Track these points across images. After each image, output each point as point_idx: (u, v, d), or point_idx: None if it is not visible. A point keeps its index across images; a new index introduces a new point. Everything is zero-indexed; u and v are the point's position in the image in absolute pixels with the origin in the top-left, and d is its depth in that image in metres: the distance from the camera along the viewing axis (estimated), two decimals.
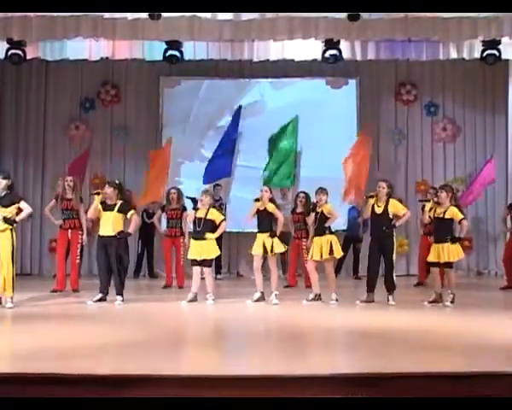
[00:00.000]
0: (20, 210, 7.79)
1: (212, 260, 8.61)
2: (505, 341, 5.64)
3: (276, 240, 8.38)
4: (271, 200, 8.46)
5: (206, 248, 8.36)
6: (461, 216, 8.20)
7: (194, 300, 8.28)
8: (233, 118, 12.41)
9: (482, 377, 4.11)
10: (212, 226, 8.41)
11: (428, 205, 8.45)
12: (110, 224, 8.18)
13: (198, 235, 8.37)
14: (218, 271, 11.89)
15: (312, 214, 8.50)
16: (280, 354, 5.19)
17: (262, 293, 8.37)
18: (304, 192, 10.05)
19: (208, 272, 8.47)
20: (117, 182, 8.51)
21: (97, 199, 8.19)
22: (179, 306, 8.16)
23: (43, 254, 12.70)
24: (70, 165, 12.08)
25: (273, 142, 12.29)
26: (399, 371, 4.31)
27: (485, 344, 5.48)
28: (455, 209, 8.22)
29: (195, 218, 8.39)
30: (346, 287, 9.95)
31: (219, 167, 12.05)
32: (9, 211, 7.64)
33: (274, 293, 8.32)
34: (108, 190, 8.21)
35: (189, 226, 9.78)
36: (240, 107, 12.47)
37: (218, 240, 11.52)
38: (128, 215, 8.31)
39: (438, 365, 4.67)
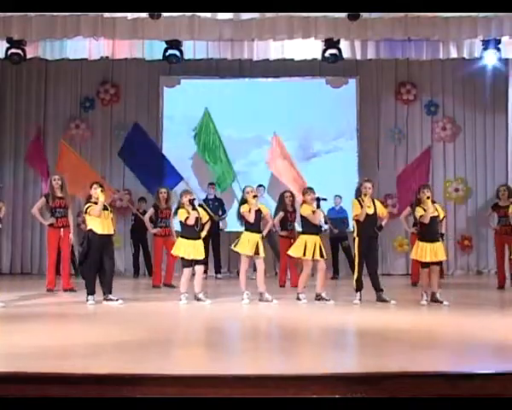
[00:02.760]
0: None
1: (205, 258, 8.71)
2: (505, 340, 5.64)
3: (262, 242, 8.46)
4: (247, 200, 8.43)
5: (201, 247, 8.40)
6: (444, 213, 8.44)
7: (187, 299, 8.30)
8: (135, 136, 12.18)
9: (482, 377, 4.11)
10: (201, 225, 8.49)
11: (429, 203, 8.42)
12: (110, 222, 8.18)
13: (195, 235, 8.36)
14: (217, 270, 11.91)
15: (318, 210, 8.45)
16: (279, 353, 5.19)
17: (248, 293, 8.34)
18: (289, 191, 10.09)
19: (202, 270, 8.48)
20: (100, 182, 8.51)
21: (102, 196, 8.07)
22: (179, 305, 8.15)
23: (43, 254, 12.69)
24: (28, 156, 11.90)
25: (200, 145, 12.29)
26: (398, 370, 4.31)
27: (485, 344, 5.48)
28: (439, 206, 8.41)
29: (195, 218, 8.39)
30: (345, 286, 9.95)
31: (173, 174, 11.96)
32: None
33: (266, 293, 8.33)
34: (98, 189, 8.16)
35: (174, 225, 9.76)
36: (136, 124, 12.36)
37: (216, 239, 11.68)
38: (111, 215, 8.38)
39: (437, 364, 4.67)
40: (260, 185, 11.78)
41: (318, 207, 8.37)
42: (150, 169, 11.93)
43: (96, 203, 8.05)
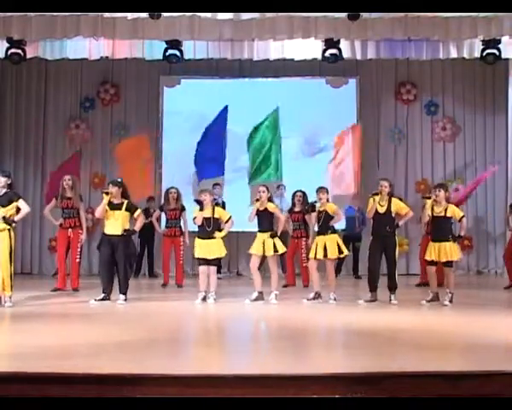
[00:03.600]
0: (18, 209, 7.78)
1: (219, 259, 8.69)
2: (505, 340, 5.64)
3: (277, 240, 8.38)
4: (270, 199, 8.47)
5: (216, 247, 8.41)
6: (461, 214, 8.32)
7: (205, 299, 8.29)
8: (219, 117, 12.23)
9: (482, 377, 4.11)
10: (218, 225, 8.48)
11: (429, 202, 8.41)
12: (119, 223, 8.14)
13: (207, 235, 8.36)
14: (218, 270, 11.86)
15: (314, 213, 8.46)
16: (280, 353, 5.19)
17: (260, 293, 8.34)
18: (301, 191, 10.09)
19: (214, 271, 8.49)
20: (119, 180, 8.51)
21: (106, 198, 8.12)
22: (179, 305, 8.17)
23: (44, 253, 12.71)
24: (60, 169, 11.57)
25: (251, 138, 12.18)
26: (399, 370, 4.31)
27: (486, 343, 5.48)
28: (454, 207, 8.33)
29: (204, 218, 8.39)
30: (346, 286, 9.96)
31: (213, 166, 11.94)
32: (8, 210, 7.62)
33: (274, 293, 8.33)
34: (113, 189, 8.18)
35: (188, 226, 9.86)
36: (226, 107, 12.35)
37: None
38: (135, 214, 8.32)
39: (438, 364, 4.67)
40: (280, 185, 11.73)
41: (313, 210, 8.42)
42: (207, 154, 11.84)
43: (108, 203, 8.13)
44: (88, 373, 4.14)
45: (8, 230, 7.63)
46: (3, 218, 7.56)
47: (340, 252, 8.44)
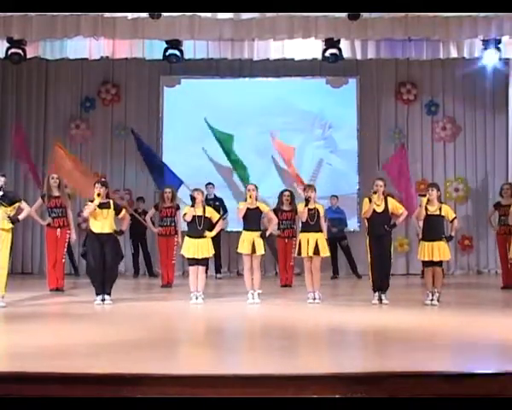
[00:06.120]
0: (20, 209, 7.79)
1: (208, 258, 8.61)
2: (504, 340, 5.64)
3: (262, 241, 8.39)
4: (256, 198, 8.47)
5: (205, 247, 8.37)
6: (454, 215, 8.35)
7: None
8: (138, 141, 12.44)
9: (482, 377, 4.11)
10: (209, 224, 8.44)
11: (424, 200, 8.38)
12: (108, 221, 8.13)
13: (198, 233, 8.33)
14: (217, 270, 11.89)
15: (306, 209, 8.39)
16: (279, 353, 5.19)
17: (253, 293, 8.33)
18: (289, 190, 10.10)
19: (202, 270, 8.43)
20: (103, 180, 8.52)
21: (98, 200, 8.06)
22: (178, 305, 8.16)
23: (44, 254, 12.68)
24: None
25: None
26: (398, 370, 4.31)
27: (485, 344, 5.48)
28: (448, 207, 8.35)
29: (194, 216, 8.36)
30: (345, 286, 9.96)
31: (171, 178, 11.99)
32: (11, 210, 7.63)
33: (257, 292, 8.31)
34: (102, 189, 8.15)
35: (181, 225, 9.80)
36: (132, 130, 12.49)
37: (217, 239, 11.64)
38: (121, 214, 8.32)
39: (438, 364, 4.67)
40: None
41: (306, 205, 8.33)
42: (158, 170, 12.10)
43: (92, 202, 8.07)
44: (87, 373, 4.14)
45: (12, 229, 7.65)
46: (8, 217, 7.57)
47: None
